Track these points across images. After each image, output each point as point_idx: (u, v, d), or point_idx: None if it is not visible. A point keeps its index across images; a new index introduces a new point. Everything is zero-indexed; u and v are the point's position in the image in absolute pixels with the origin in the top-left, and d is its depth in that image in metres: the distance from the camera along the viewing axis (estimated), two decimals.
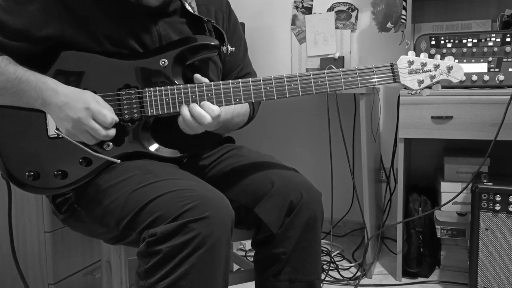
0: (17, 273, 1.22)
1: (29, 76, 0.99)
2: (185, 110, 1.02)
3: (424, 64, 1.04)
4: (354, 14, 2.51)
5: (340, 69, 1.04)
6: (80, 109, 0.97)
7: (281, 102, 2.71)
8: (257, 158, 1.21)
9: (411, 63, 1.04)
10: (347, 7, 2.52)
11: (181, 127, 1.04)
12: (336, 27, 2.54)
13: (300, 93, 1.03)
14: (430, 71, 1.04)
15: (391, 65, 1.03)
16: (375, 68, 1.03)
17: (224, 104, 1.04)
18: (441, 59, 1.05)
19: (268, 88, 1.04)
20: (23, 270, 1.23)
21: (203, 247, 0.88)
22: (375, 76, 1.03)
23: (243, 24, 2.55)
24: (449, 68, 1.04)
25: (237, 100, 1.04)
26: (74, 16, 1.03)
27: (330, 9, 2.55)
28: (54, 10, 1.01)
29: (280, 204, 1.08)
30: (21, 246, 1.59)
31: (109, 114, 0.99)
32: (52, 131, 1.05)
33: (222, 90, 1.04)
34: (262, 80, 1.04)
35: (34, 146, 1.05)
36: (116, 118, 1.02)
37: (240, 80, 1.04)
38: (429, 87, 1.05)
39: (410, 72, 1.04)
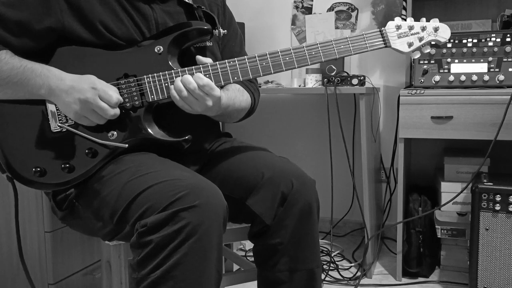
0: (18, 273, 1.22)
1: (34, 65, 1.02)
2: (176, 81, 1.03)
3: (411, 27, 1.08)
4: (354, 14, 2.51)
5: (332, 38, 1.07)
6: (87, 89, 1.00)
7: (281, 102, 2.71)
8: (247, 149, 1.22)
9: (398, 27, 1.08)
10: (347, 7, 2.52)
11: (177, 103, 1.04)
12: (336, 27, 2.54)
13: (296, 65, 1.06)
14: (418, 33, 1.08)
15: (380, 31, 1.07)
16: (365, 34, 1.07)
17: (223, 83, 1.06)
18: (426, 21, 1.09)
19: (264, 63, 1.06)
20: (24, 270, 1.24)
21: (194, 236, 0.88)
22: (366, 43, 1.07)
23: (243, 24, 2.55)
24: (436, 29, 1.08)
25: (235, 78, 1.06)
26: (71, 6, 1.05)
27: (330, 9, 2.55)
28: (54, 1, 1.03)
29: (271, 194, 1.08)
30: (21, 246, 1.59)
31: (114, 94, 1.02)
32: (55, 126, 1.06)
33: (219, 70, 1.06)
34: (258, 56, 1.06)
35: (38, 143, 1.06)
36: (121, 98, 1.04)
37: (235, 58, 1.06)
38: (418, 49, 1.09)
39: (399, 36, 1.08)
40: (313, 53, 1.05)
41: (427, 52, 1.10)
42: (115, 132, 1.06)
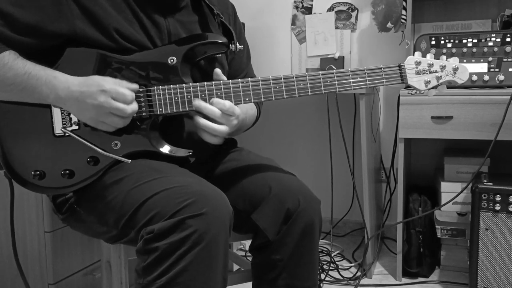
0: (17, 273, 1.22)
1: (38, 71, 0.98)
2: (198, 118, 1.01)
3: (430, 65, 1.05)
4: (354, 14, 2.51)
5: (349, 69, 1.03)
6: (97, 93, 0.96)
7: (281, 102, 2.71)
8: (255, 161, 1.20)
9: (418, 63, 1.04)
10: (347, 7, 2.52)
11: (204, 138, 1.03)
12: (336, 27, 2.54)
13: (310, 93, 1.03)
14: (437, 72, 1.05)
15: (399, 66, 1.04)
16: (383, 68, 1.03)
17: (233, 103, 1.03)
18: (446, 60, 1.06)
19: (277, 87, 1.03)
20: (23, 270, 1.23)
21: (201, 244, 0.87)
22: (383, 77, 1.04)
23: (243, 24, 2.55)
24: (455, 69, 1.05)
25: (247, 99, 1.03)
26: (85, 11, 1.01)
27: (330, 9, 2.55)
28: (65, 5, 1.00)
29: (277, 210, 1.08)
30: (21, 246, 1.59)
31: (127, 91, 0.98)
32: (58, 129, 1.03)
33: (231, 89, 1.03)
34: (272, 79, 1.03)
35: (39, 145, 1.03)
36: (135, 87, 1.01)
37: (249, 79, 1.03)
38: (435, 87, 1.06)
39: (417, 73, 1.04)
40: (329, 81, 1.03)
41: (444, 91, 1.06)
42: (119, 142, 1.03)
